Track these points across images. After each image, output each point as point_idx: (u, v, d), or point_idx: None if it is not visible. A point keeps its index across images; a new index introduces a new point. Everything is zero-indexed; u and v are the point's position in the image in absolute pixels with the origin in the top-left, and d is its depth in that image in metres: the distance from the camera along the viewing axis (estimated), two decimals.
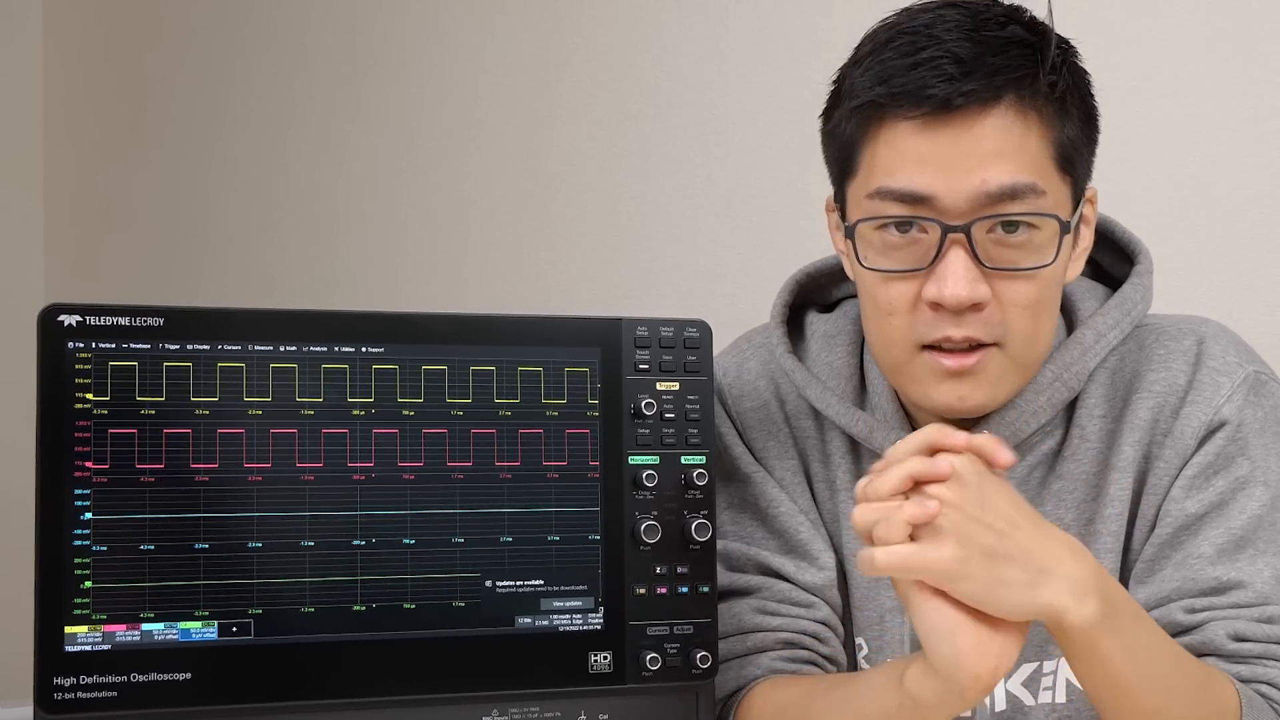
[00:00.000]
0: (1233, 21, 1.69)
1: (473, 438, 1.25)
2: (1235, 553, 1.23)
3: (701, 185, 2.18)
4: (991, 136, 1.18)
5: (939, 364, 1.22)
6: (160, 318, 1.19)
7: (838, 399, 1.34)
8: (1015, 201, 1.18)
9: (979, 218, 1.18)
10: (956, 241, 1.18)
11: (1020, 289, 1.20)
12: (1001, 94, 1.18)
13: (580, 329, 1.28)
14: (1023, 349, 1.23)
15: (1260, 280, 1.67)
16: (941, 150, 1.18)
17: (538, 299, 2.36)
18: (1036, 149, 1.19)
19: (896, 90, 1.18)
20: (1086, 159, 1.25)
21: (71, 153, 3.35)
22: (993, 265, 1.19)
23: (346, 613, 1.21)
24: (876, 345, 1.27)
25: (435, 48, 2.57)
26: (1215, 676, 1.17)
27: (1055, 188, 1.21)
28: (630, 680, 1.26)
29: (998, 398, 1.24)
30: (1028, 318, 1.21)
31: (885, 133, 1.20)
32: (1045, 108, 1.19)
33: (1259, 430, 1.26)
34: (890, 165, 1.20)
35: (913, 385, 1.25)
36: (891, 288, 1.22)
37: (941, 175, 1.18)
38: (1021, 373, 1.24)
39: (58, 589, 1.16)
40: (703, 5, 2.18)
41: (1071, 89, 1.22)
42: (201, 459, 1.19)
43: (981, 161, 1.18)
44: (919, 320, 1.21)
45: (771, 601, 1.34)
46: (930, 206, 1.19)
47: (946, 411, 1.25)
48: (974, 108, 1.17)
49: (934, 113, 1.17)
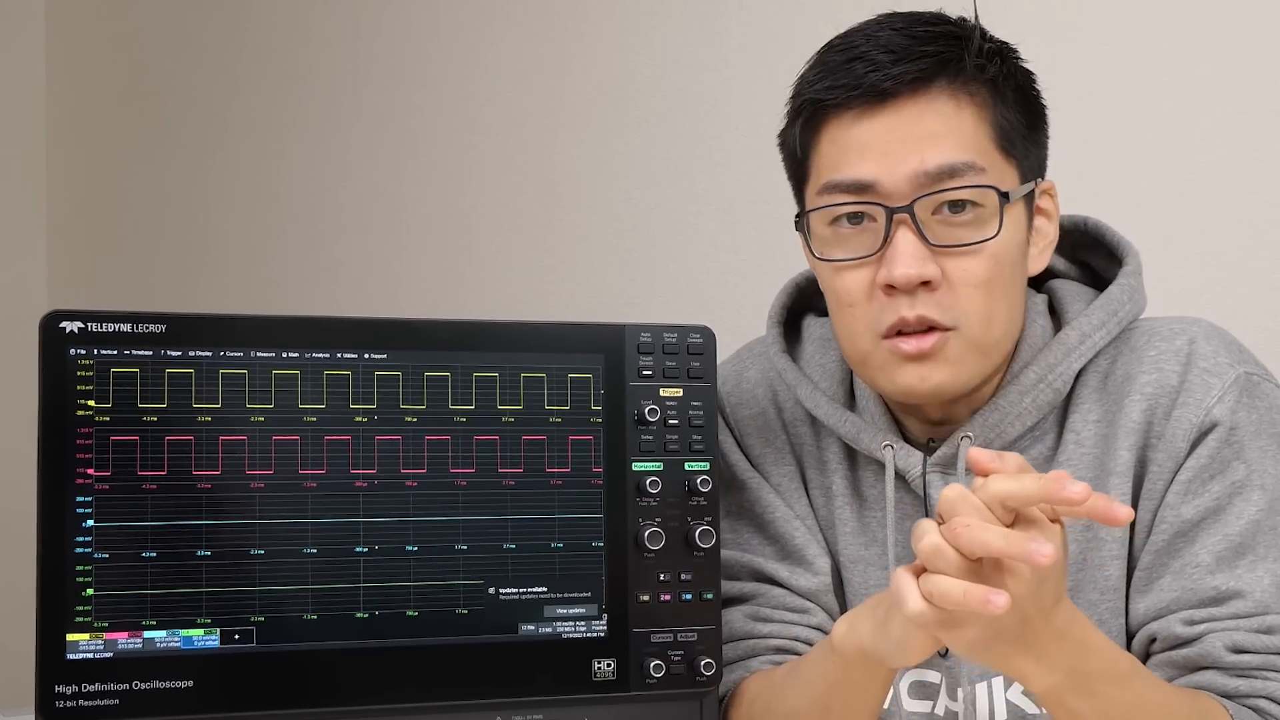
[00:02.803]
0: (1234, 26, 1.69)
1: (476, 444, 1.24)
2: (1234, 560, 1.22)
3: (704, 192, 2.18)
4: (927, 119, 1.22)
5: (898, 348, 1.23)
6: (162, 324, 1.19)
7: (827, 399, 1.35)
8: (954, 178, 1.22)
9: (919, 196, 1.21)
10: (901, 222, 1.22)
11: (969, 266, 1.22)
12: (932, 77, 1.22)
13: (583, 335, 1.27)
14: (979, 331, 1.24)
15: (1262, 284, 1.67)
16: (880, 137, 1.22)
17: (540, 306, 2.35)
18: (973, 129, 1.23)
19: (833, 84, 1.24)
20: (1032, 146, 1.27)
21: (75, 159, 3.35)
22: (939, 243, 1.22)
23: (349, 620, 1.21)
24: (842, 340, 1.29)
25: (437, 55, 2.57)
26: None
27: (997, 166, 1.24)
28: (634, 688, 1.26)
29: (959, 380, 1.25)
30: (979, 297, 1.23)
31: (828, 129, 1.25)
32: (979, 91, 1.23)
33: (1254, 433, 1.25)
34: (834, 159, 1.24)
35: (878, 373, 1.27)
36: (847, 277, 1.25)
37: (883, 161, 1.22)
38: (982, 355, 1.25)
39: (59, 596, 1.16)
40: (705, 12, 2.18)
41: (1006, 76, 1.25)
42: (204, 466, 1.19)
43: (919, 143, 1.21)
44: (875, 307, 1.24)
45: (765, 608, 1.34)
46: (874, 192, 1.22)
47: (908, 395, 1.26)
48: (906, 92, 1.22)
49: (869, 100, 1.22)
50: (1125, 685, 1.10)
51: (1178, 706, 1.14)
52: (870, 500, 1.35)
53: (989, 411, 1.28)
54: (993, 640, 1.01)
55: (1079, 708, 1.08)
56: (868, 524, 1.34)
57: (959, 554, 0.99)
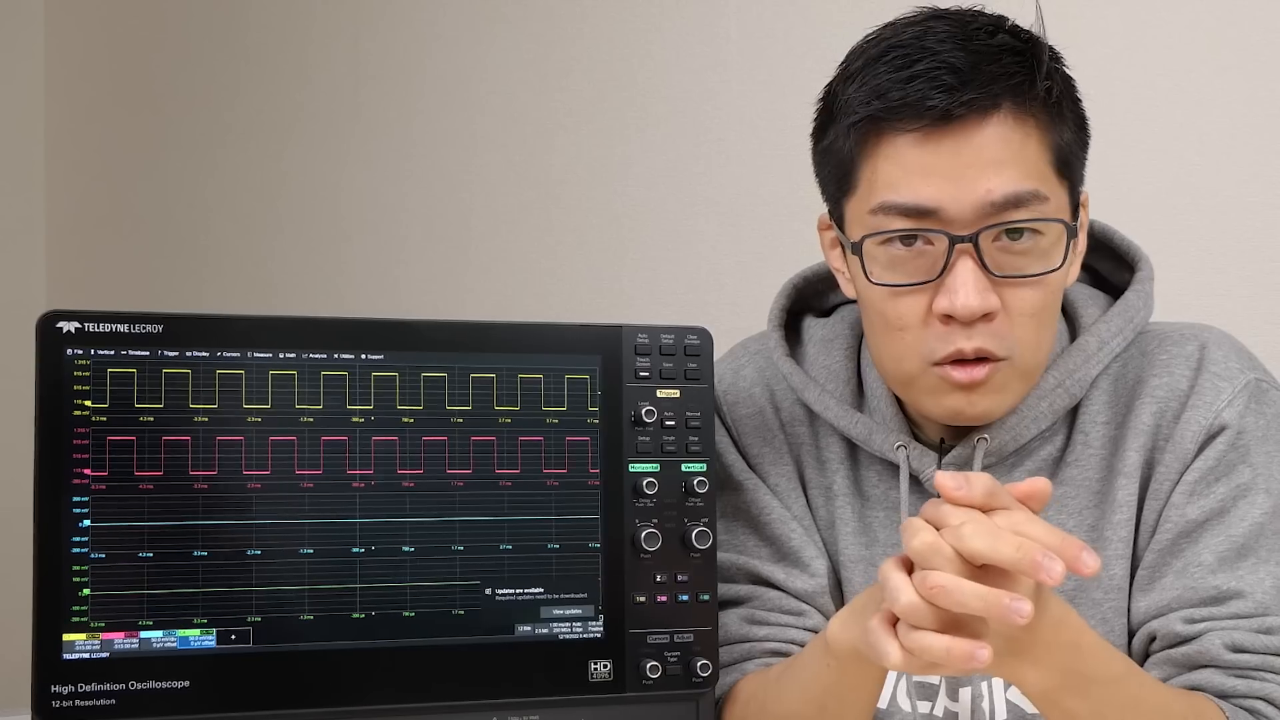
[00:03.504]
0: (1234, 29, 1.69)
1: (472, 445, 1.24)
2: (1236, 561, 1.22)
3: (702, 194, 2.18)
4: (992, 145, 1.18)
5: (949, 376, 1.22)
6: (159, 324, 1.19)
7: (836, 401, 1.34)
8: (1020, 209, 1.18)
9: (985, 227, 1.18)
10: (964, 252, 1.18)
11: (1027, 296, 1.20)
12: (999, 102, 1.18)
13: (580, 336, 1.27)
14: (1028, 359, 1.23)
15: (1261, 289, 1.67)
16: (943, 161, 1.18)
17: (539, 308, 2.36)
18: (1036, 155, 1.19)
19: (894, 104, 1.18)
20: (1081, 163, 1.25)
21: (74, 161, 3.35)
22: (1001, 273, 1.19)
23: (345, 620, 1.21)
24: (886, 360, 1.27)
25: (437, 57, 2.57)
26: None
27: (1056, 193, 1.21)
28: (630, 689, 1.26)
29: (1004, 405, 1.25)
30: (1034, 326, 1.21)
31: (885, 147, 1.20)
32: (1041, 114, 1.20)
33: (1261, 438, 1.25)
34: (893, 179, 1.20)
35: (924, 396, 1.25)
36: (901, 302, 1.22)
37: (946, 187, 1.18)
38: (1025, 381, 1.25)
39: (56, 596, 1.16)
40: (704, 14, 2.18)
41: (1064, 94, 1.22)
42: (200, 466, 1.19)
43: (984, 171, 1.18)
44: (930, 335, 1.21)
45: (761, 611, 1.34)
46: (936, 218, 1.19)
47: (955, 418, 1.25)
48: (973, 117, 1.17)
49: (934, 124, 1.17)
50: (1119, 686, 1.10)
51: (1173, 706, 1.14)
52: (873, 499, 1.34)
53: (1007, 415, 1.27)
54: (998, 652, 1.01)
55: (1074, 708, 1.08)
56: (869, 523, 1.34)
57: (936, 609, 0.99)
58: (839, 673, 1.16)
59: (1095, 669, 1.08)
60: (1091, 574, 0.96)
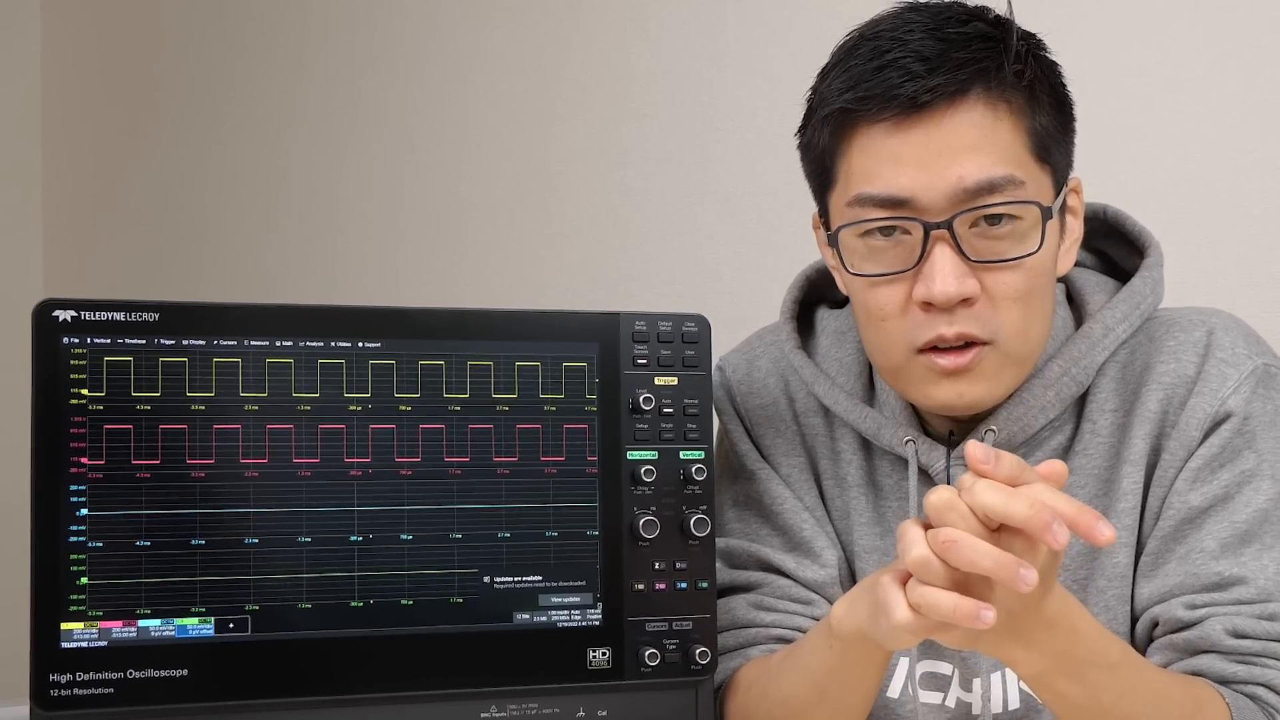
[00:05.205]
0: (1233, 16, 1.69)
1: (470, 433, 1.24)
2: (1240, 547, 1.22)
3: (700, 183, 2.18)
4: (963, 131, 1.18)
5: (935, 364, 1.22)
6: (155, 313, 1.19)
7: (846, 395, 1.34)
8: (994, 194, 1.18)
9: (959, 212, 1.18)
10: (940, 239, 1.19)
11: (1008, 280, 1.20)
12: (968, 87, 1.18)
13: (578, 324, 1.27)
14: (1016, 343, 1.22)
15: (1261, 276, 1.67)
16: (915, 149, 1.18)
17: (537, 298, 2.35)
18: (1010, 140, 1.20)
19: (865, 94, 1.19)
20: (1064, 148, 1.25)
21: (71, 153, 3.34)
22: (978, 259, 1.19)
23: (344, 609, 1.21)
24: (873, 350, 1.28)
25: (433, 48, 2.57)
26: (1205, 708, 1.15)
27: (1034, 177, 1.21)
28: (629, 676, 1.26)
29: (996, 393, 1.24)
30: (1018, 310, 1.21)
31: (859, 138, 1.21)
32: (1014, 98, 1.20)
33: (1268, 424, 1.25)
34: (867, 170, 1.20)
35: (911, 386, 1.25)
36: (881, 292, 1.22)
37: (918, 175, 1.18)
38: (1018, 367, 1.24)
39: (53, 585, 1.16)
40: (701, 4, 2.18)
41: (1040, 78, 1.22)
42: (197, 455, 1.19)
43: (956, 157, 1.18)
44: (911, 322, 1.21)
45: (769, 598, 1.34)
46: (910, 207, 1.19)
47: (946, 409, 1.25)
48: (942, 103, 1.18)
49: (904, 112, 1.18)
50: (1116, 671, 1.10)
51: (1172, 692, 1.14)
52: (886, 490, 1.34)
53: (1013, 405, 1.27)
54: (980, 633, 1.01)
55: (1068, 692, 1.08)
56: (883, 514, 1.34)
57: (947, 566, 0.99)
58: (841, 655, 1.16)
59: (1091, 654, 1.08)
60: (1106, 543, 0.96)
